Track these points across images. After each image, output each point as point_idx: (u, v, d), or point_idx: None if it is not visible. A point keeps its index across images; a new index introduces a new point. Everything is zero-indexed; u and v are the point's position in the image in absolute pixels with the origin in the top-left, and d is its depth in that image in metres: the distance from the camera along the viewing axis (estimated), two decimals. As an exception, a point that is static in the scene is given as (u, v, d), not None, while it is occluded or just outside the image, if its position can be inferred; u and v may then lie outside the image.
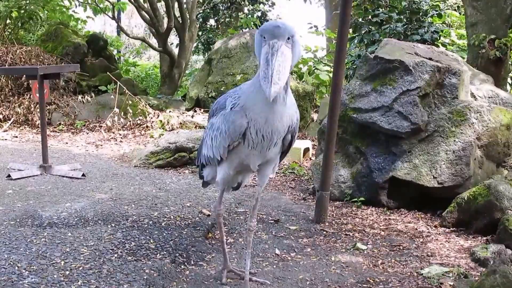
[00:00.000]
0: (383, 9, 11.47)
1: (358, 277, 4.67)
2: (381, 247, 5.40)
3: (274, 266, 4.87)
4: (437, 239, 5.66)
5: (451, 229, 5.93)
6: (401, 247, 5.41)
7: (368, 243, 5.49)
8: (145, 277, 4.42)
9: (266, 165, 4.21)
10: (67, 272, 4.46)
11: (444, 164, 6.39)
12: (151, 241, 5.21)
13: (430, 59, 6.77)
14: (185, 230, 5.58)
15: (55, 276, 4.38)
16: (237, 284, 4.48)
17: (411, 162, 6.47)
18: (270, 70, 3.45)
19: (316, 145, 8.72)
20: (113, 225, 5.66)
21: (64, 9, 16.87)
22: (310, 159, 9.35)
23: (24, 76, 12.44)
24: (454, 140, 6.45)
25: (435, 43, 10.67)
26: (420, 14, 11.13)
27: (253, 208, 4.46)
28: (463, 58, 9.24)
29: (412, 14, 11.01)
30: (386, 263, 5.00)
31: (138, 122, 12.27)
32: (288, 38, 3.56)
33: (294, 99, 3.96)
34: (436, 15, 11.42)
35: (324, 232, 5.77)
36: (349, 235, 5.73)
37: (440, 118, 6.55)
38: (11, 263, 4.60)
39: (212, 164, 4.43)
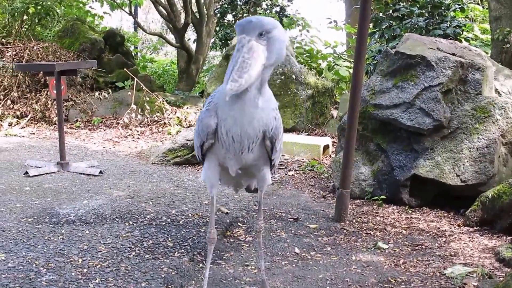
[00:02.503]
0: (404, 3, 11.35)
1: (379, 277, 4.59)
2: (402, 246, 5.30)
3: (294, 265, 4.80)
4: (460, 239, 5.55)
5: (475, 228, 5.81)
6: (423, 247, 5.31)
7: (390, 242, 5.40)
8: (163, 276, 4.39)
9: (255, 170, 4.03)
10: (85, 270, 4.46)
11: (467, 161, 6.29)
12: (169, 239, 5.18)
13: (453, 54, 6.66)
14: (203, 228, 5.54)
15: (73, 273, 4.38)
16: (256, 284, 4.41)
17: (434, 159, 6.37)
18: (231, 66, 3.27)
19: (336, 142, 8.63)
20: (130, 222, 5.64)
21: (81, 5, 16.92)
22: (330, 156, 9.28)
23: (41, 72, 12.43)
24: (478, 137, 6.34)
25: (458, 38, 10.53)
26: (442, 8, 11.00)
27: (257, 210, 4.31)
28: (487, 53, 9.12)
29: (434, 8, 10.88)
30: (408, 263, 4.90)
31: (156, 118, 12.24)
32: (261, 34, 3.34)
33: (276, 105, 3.76)
34: (458, 9, 11.28)
35: (345, 231, 5.69)
36: (370, 234, 5.64)
37: (463, 115, 6.44)
38: (29, 260, 4.61)
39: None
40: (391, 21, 11.21)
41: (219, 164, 3.92)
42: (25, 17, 15.08)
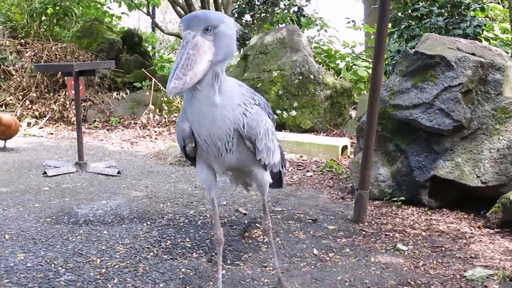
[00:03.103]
0: (424, 3, 11.28)
1: (399, 279, 4.54)
2: (422, 248, 5.25)
3: (312, 267, 4.77)
4: (480, 241, 5.49)
5: (496, 230, 5.75)
6: (443, 248, 5.25)
7: (409, 244, 5.35)
8: (181, 276, 4.38)
9: (245, 172, 3.96)
10: (103, 270, 4.46)
11: (488, 162, 6.23)
12: (187, 240, 5.17)
13: (473, 54, 6.60)
14: (221, 228, 5.50)
15: (91, 274, 4.38)
16: (274, 285, 4.38)
17: (453, 160, 6.31)
18: (175, 63, 3.18)
19: (354, 143, 8.60)
20: (148, 223, 5.64)
21: (99, 5, 16.98)
22: (349, 157, 9.24)
23: (60, 73, 12.47)
24: (499, 138, 6.27)
25: (478, 37, 10.44)
26: (462, 7, 10.91)
27: (263, 211, 4.29)
28: (507, 53, 9.05)
29: (454, 7, 10.80)
30: (428, 265, 4.85)
31: (173, 119, 12.25)
32: (208, 30, 3.21)
33: (247, 99, 3.57)
34: (478, 9, 11.18)
35: (363, 232, 5.65)
36: (389, 235, 5.59)
37: (484, 115, 6.37)
38: (48, 260, 4.62)
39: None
40: (410, 21, 11.15)
41: (209, 166, 3.84)
42: (43, 17, 15.17)
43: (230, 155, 3.61)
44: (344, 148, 9.41)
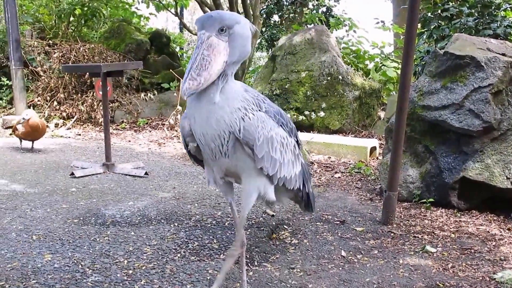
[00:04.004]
0: (453, 3, 11.16)
1: (427, 281, 4.50)
2: (451, 250, 5.20)
3: (340, 268, 4.74)
4: (510, 243, 5.42)
5: (526, 232, 5.69)
6: (472, 251, 5.20)
7: (438, 246, 5.30)
8: (208, 278, 4.39)
9: (242, 181, 3.66)
10: (130, 271, 4.48)
11: (518, 164, 6.16)
12: (215, 241, 5.17)
13: (503, 54, 6.52)
14: (249, 230, 5.51)
15: (118, 275, 4.40)
16: (302, 287, 4.35)
17: (483, 162, 6.24)
18: (190, 64, 3.12)
19: (383, 144, 8.55)
20: (176, 224, 5.65)
21: (127, 6, 17.04)
22: (377, 158, 9.19)
23: (87, 73, 12.54)
24: (529, 139, 6.21)
25: (508, 38, 10.31)
26: (493, 7, 10.76)
27: (236, 230, 3.99)
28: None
29: (484, 7, 10.66)
30: (457, 267, 4.81)
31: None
32: (222, 30, 3.16)
33: (250, 105, 3.40)
34: (509, 9, 11.05)
35: (392, 234, 5.61)
36: (417, 237, 5.55)
37: (514, 116, 6.31)
38: (75, 261, 4.66)
39: None
40: (439, 21, 11.04)
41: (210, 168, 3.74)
42: (71, 18, 15.25)
43: (226, 159, 3.47)
44: (373, 149, 9.35)
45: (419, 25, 10.12)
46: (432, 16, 11.17)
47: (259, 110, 3.46)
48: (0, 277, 4.29)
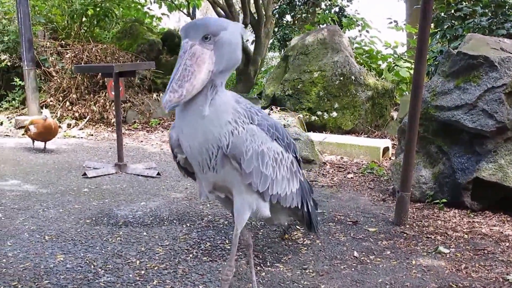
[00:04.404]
0: (467, 3, 11.12)
1: (440, 282, 4.48)
2: (464, 251, 5.17)
3: (353, 269, 4.72)
4: (524, 244, 5.40)
5: (540, 233, 5.66)
6: (485, 251, 5.16)
7: (451, 247, 5.27)
8: (220, 278, 4.35)
9: (233, 197, 3.45)
10: (143, 272, 4.48)
11: (532, 165, 6.12)
12: (227, 242, 5.17)
13: (517, 54, 6.49)
14: (261, 231, 5.51)
15: (131, 275, 4.40)
16: (314, 289, 4.34)
17: (496, 162, 6.20)
18: (172, 74, 2.94)
19: (396, 144, 8.52)
20: (188, 224, 5.65)
21: (139, 6, 17.07)
22: (390, 158, 9.17)
23: (100, 74, 12.56)
24: (543, 140, 6.17)
25: (522, 38, 10.28)
26: (506, 7, 10.72)
27: (231, 248, 3.70)
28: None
29: (498, 7, 10.61)
30: (470, 268, 4.77)
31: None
32: (207, 38, 2.96)
33: (241, 118, 3.21)
34: (523, 9, 11.01)
35: (405, 235, 5.58)
36: (430, 238, 5.52)
37: (528, 117, 6.27)
38: (87, 261, 4.67)
39: None
40: (453, 21, 11.00)
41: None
42: (84, 19, 15.30)
43: (213, 173, 3.29)
44: (386, 149, 9.33)
45: (432, 25, 10.10)
46: (445, 16, 11.13)
47: (251, 123, 3.29)
48: (13, 277, 4.30)
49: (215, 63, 2.99)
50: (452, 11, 11.02)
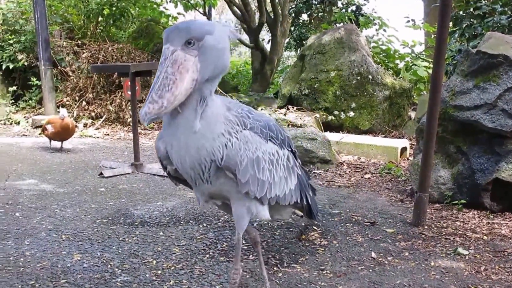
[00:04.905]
0: (486, 1, 11.04)
1: (459, 284, 4.42)
2: (484, 253, 5.10)
3: (370, 270, 4.68)
4: (545, 245, 5.34)
5: (561, 235, 5.59)
6: (505, 253, 5.09)
7: (470, 248, 5.21)
8: (239, 277, 4.33)
9: (231, 204, 3.35)
10: (159, 272, 4.47)
11: (552, 165, 6.06)
12: (243, 242, 5.12)
13: (537, 53, 6.42)
14: (278, 231, 5.48)
15: (147, 275, 4.39)
16: (332, 290, 4.30)
17: (517, 162, 6.15)
18: (152, 84, 2.73)
19: (413, 145, 8.47)
20: (204, 224, 5.63)
21: (155, 6, 17.10)
22: (408, 159, 9.12)
23: (116, 73, 12.58)
24: None
25: (542, 36, 10.18)
26: (527, 5, 10.66)
27: (235, 255, 3.63)
28: None
29: (518, 5, 10.55)
30: (490, 270, 4.71)
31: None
32: (190, 43, 2.73)
33: (234, 127, 3.04)
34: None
35: (423, 236, 5.53)
36: (449, 239, 5.46)
37: (549, 117, 6.20)
38: (104, 261, 4.66)
39: None
40: (472, 20, 10.91)
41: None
42: (100, 18, 15.38)
43: (208, 185, 3.15)
44: (403, 149, 9.27)
45: (450, 24, 10.03)
46: (464, 14, 11.05)
47: (244, 129, 3.12)
48: (31, 276, 4.30)
49: (199, 71, 2.77)
50: (471, 10, 10.94)
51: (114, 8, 15.17)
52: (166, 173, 3.46)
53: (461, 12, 11.13)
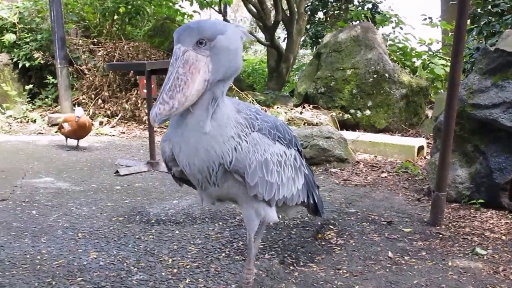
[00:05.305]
0: (504, -2, 10.97)
1: (477, 284, 4.38)
2: (502, 253, 5.05)
3: (387, 270, 4.64)
4: None
5: None
6: (524, 253, 5.06)
7: (488, 248, 5.16)
8: (253, 278, 4.30)
9: (240, 206, 3.34)
10: (175, 270, 4.45)
11: None
12: (259, 241, 5.09)
13: (557, 51, 6.36)
14: (294, 230, 5.45)
15: (163, 273, 4.37)
16: (349, 290, 4.28)
17: (536, 162, 6.10)
18: (163, 85, 2.69)
19: (431, 143, 8.42)
20: (220, 223, 5.61)
21: (171, 4, 17.13)
22: (425, 157, 9.07)
23: (132, 71, 12.60)
24: None
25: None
26: (546, 2, 10.58)
27: (247, 256, 3.58)
28: None
29: (537, 3, 10.47)
30: (508, 270, 4.66)
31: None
32: (201, 43, 2.67)
33: (244, 130, 2.98)
34: None
35: (440, 235, 5.49)
36: (467, 239, 5.41)
37: None
38: (120, 259, 4.65)
39: None
40: (490, 17, 10.83)
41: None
42: (116, 16, 15.39)
43: (215, 188, 3.09)
44: (420, 148, 9.23)
45: (468, 21, 9.96)
46: (482, 12, 10.98)
47: (253, 131, 3.06)
48: (47, 274, 4.30)
49: (211, 72, 2.71)
50: (489, 7, 10.86)
51: (129, 6, 15.19)
52: (170, 174, 3.40)
53: (479, 10, 11.06)
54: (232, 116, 2.93)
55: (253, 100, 12.49)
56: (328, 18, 21.80)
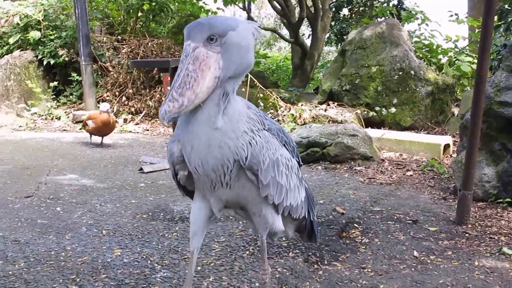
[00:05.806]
0: (532, -6, 10.87)
1: (504, 284, 4.33)
2: (530, 253, 5.00)
3: (412, 269, 4.61)
4: None
5: None
6: (552, 254, 4.99)
7: (516, 248, 5.10)
8: (277, 276, 4.32)
9: (250, 211, 3.16)
10: (199, 268, 4.45)
11: None
12: (283, 239, 5.09)
13: None
14: (319, 228, 5.40)
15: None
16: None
17: None
18: (173, 82, 2.60)
19: (457, 141, 8.34)
20: (244, 221, 5.58)
21: (194, 1, 17.16)
22: (451, 156, 8.99)
23: (156, 69, 12.62)
24: None
25: None
26: None
27: (261, 256, 3.44)
28: None
29: None
30: (536, 270, 4.61)
31: (269, 115, 12.17)
32: (212, 39, 2.59)
33: (256, 126, 2.88)
34: None
35: (467, 235, 5.43)
36: (494, 238, 5.35)
37: None
38: (144, 256, 4.67)
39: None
40: (517, 14, 10.75)
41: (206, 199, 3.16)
42: (140, 13, 15.46)
43: (227, 189, 2.97)
44: (446, 146, 9.15)
45: (495, 18, 9.87)
46: (509, 8, 10.88)
47: (264, 129, 2.97)
48: (72, 271, 4.32)
49: (222, 68, 2.63)
50: (517, 4, 10.77)
51: (153, 3, 15.25)
52: (175, 182, 3.23)
53: (506, 6, 10.96)
54: (244, 112, 2.85)
55: (277, 97, 12.44)
56: (353, 15, 21.70)
